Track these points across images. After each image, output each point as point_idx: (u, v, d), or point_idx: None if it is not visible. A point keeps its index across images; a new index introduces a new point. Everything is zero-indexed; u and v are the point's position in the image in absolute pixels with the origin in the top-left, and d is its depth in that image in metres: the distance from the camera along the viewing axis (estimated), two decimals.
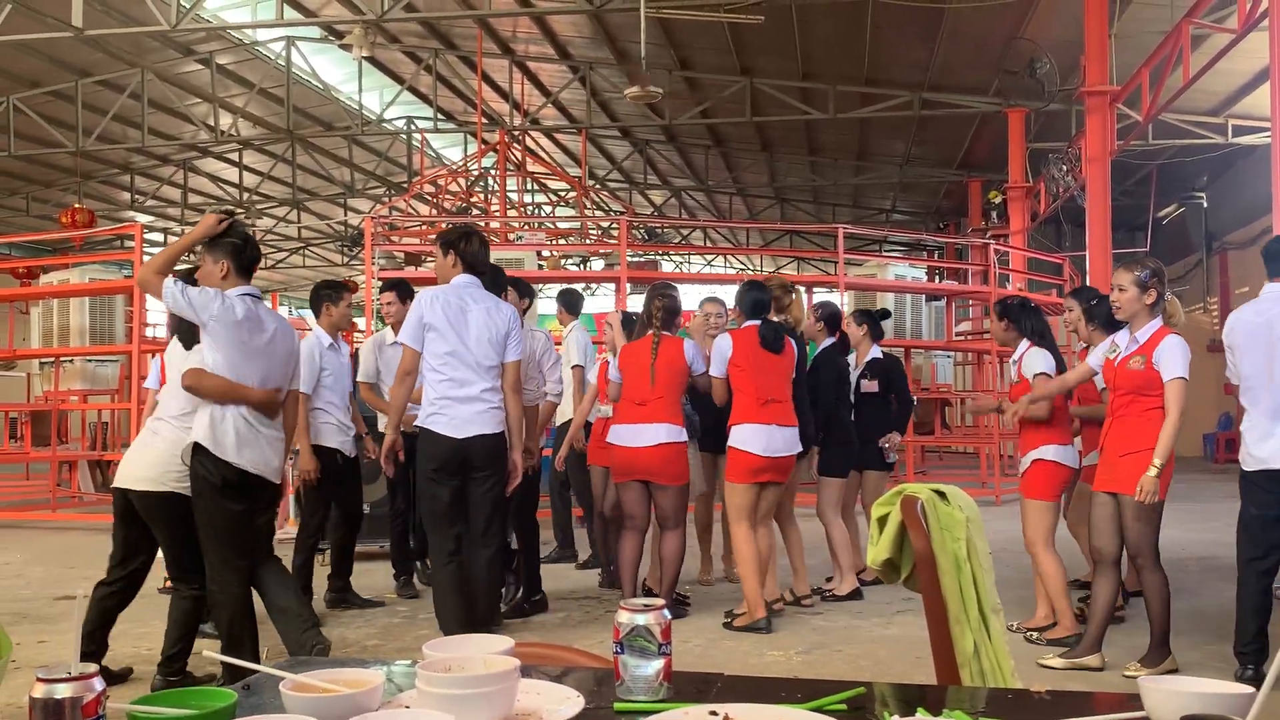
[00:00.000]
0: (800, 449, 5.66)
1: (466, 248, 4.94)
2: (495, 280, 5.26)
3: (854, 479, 6.57)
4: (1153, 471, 4.45)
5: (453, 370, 4.76)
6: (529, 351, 5.72)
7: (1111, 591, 4.80)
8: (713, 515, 6.74)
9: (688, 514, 5.90)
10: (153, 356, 7.40)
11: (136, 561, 4.58)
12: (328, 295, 6.15)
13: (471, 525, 4.89)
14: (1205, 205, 19.61)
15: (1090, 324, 5.46)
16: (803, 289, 8.90)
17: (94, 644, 4.45)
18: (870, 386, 6.56)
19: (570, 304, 7.70)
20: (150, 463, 4.22)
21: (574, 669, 1.65)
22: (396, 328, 6.00)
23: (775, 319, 6.01)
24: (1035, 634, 5.28)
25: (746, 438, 5.46)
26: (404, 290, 6.35)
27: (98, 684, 1.15)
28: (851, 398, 6.56)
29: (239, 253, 4.31)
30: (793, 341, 5.75)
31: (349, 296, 6.36)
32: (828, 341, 6.52)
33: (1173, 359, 4.49)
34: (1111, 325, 5.07)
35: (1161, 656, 4.65)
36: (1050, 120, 15.59)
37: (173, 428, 4.31)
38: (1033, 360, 5.28)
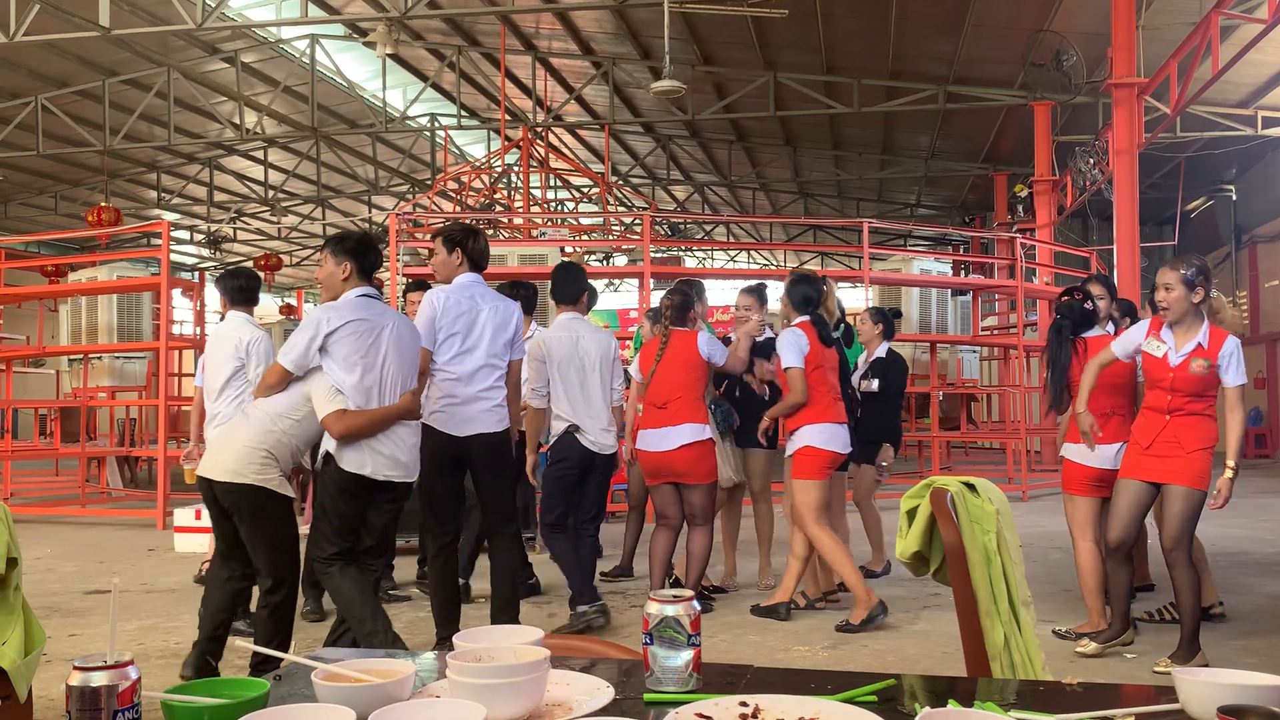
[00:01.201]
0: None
1: (474, 246, 4.91)
2: (528, 298, 5.37)
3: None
4: (1229, 474, 4.50)
5: (460, 368, 4.75)
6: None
7: (1130, 576, 4.85)
8: (741, 511, 6.71)
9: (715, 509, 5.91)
10: (179, 353, 7.46)
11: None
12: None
13: (486, 520, 4.95)
14: (1234, 198, 19.43)
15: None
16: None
17: (217, 644, 4.28)
18: (869, 386, 6.55)
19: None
20: (232, 454, 4.08)
21: (603, 660, 1.65)
22: None
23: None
24: (1066, 629, 5.25)
25: (828, 437, 5.40)
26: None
27: (133, 672, 1.16)
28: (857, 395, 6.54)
29: (362, 255, 4.30)
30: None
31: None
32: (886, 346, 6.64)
33: (1238, 366, 4.55)
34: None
35: (1192, 652, 4.61)
36: (1077, 113, 15.48)
37: (264, 419, 4.13)
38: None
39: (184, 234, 25.43)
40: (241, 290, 5.72)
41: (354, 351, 4.12)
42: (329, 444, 4.17)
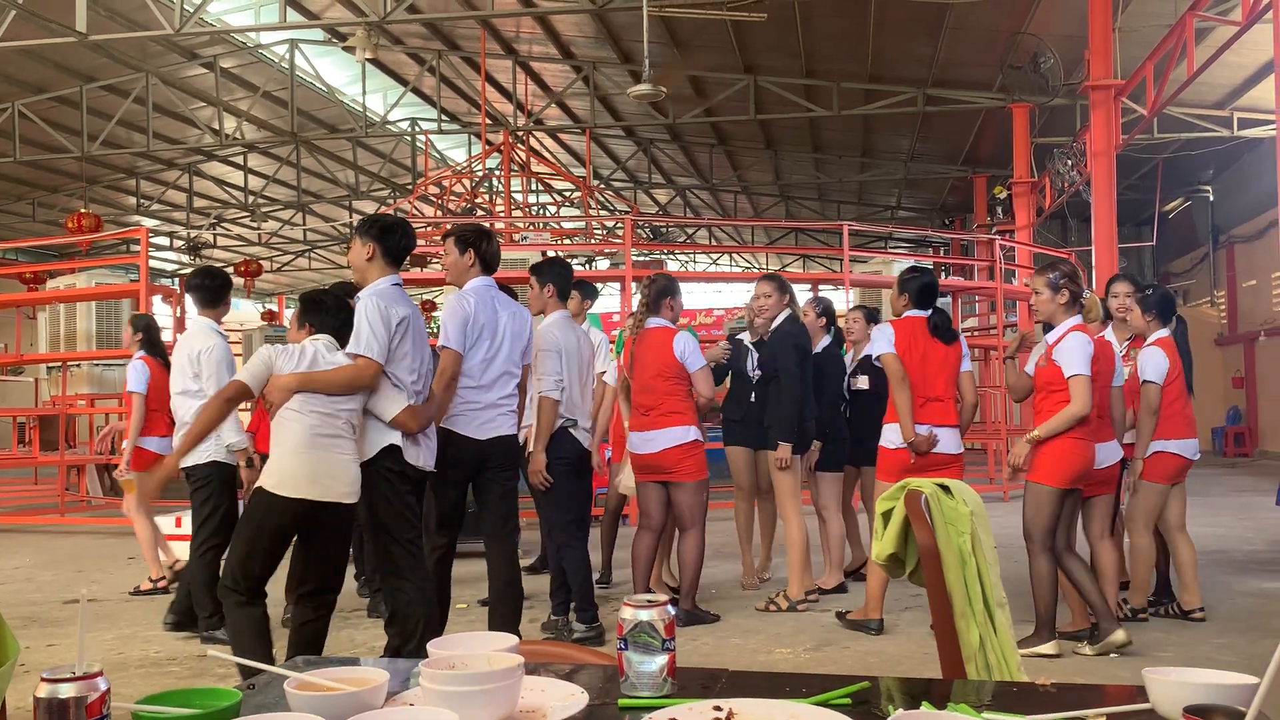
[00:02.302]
0: (960, 449, 5.34)
1: (488, 248, 4.82)
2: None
3: (851, 474, 6.58)
4: (1028, 440, 4.82)
5: (482, 373, 4.68)
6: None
7: (1083, 568, 4.96)
8: (753, 514, 6.70)
9: (707, 513, 5.83)
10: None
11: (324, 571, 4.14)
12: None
13: (489, 523, 4.86)
14: (1211, 199, 19.56)
15: (1147, 313, 5.58)
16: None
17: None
18: (861, 383, 6.58)
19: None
20: (350, 475, 3.92)
21: (578, 666, 1.65)
22: None
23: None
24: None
25: (900, 438, 5.20)
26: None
27: (102, 683, 1.16)
28: (845, 394, 6.59)
29: (387, 236, 4.18)
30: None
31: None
32: (827, 339, 6.54)
33: (1070, 357, 4.73)
34: (1165, 316, 5.50)
35: (1042, 639, 4.85)
36: (1055, 115, 15.56)
37: (365, 429, 4.07)
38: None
39: (163, 240, 25.27)
40: (200, 290, 5.52)
41: (411, 348, 4.11)
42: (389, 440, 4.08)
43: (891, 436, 5.24)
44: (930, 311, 5.30)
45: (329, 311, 4.19)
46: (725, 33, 13.92)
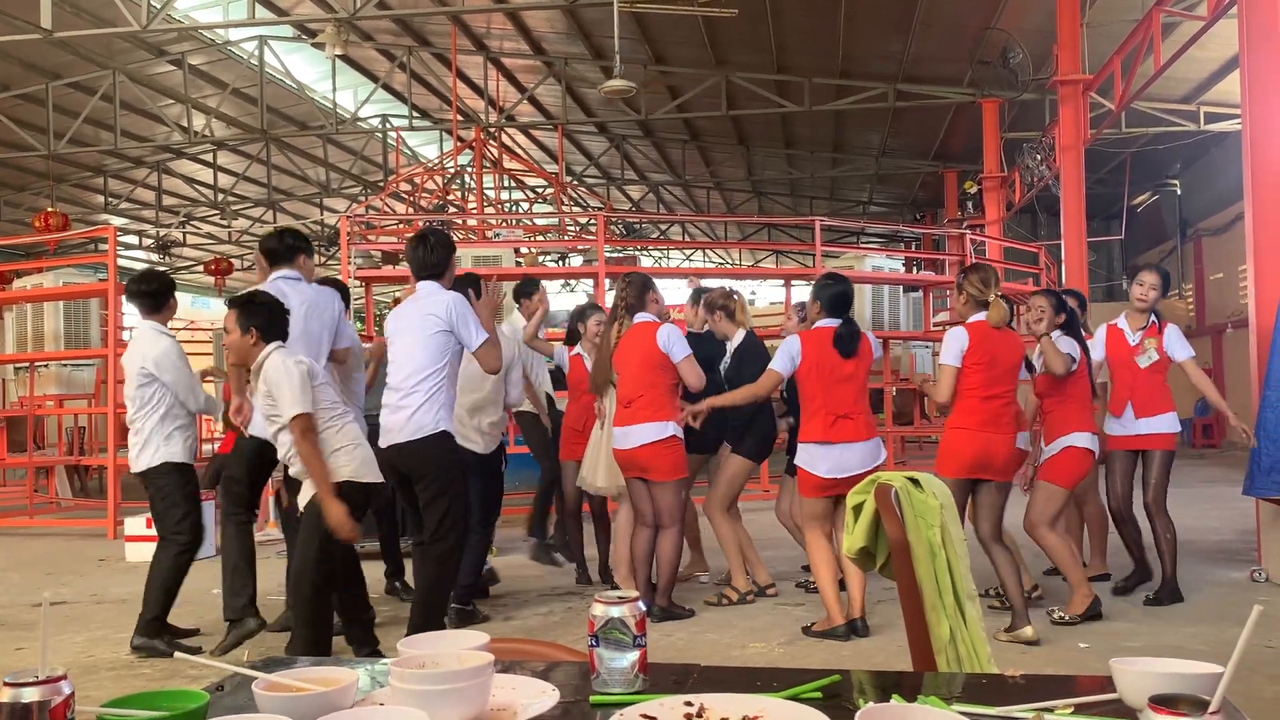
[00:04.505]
0: (882, 458, 5.18)
1: (411, 255, 4.94)
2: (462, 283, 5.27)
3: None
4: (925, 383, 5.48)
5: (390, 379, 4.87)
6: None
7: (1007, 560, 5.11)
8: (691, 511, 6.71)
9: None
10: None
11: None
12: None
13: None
14: (1179, 192, 19.74)
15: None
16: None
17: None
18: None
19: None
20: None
21: (550, 663, 1.65)
22: None
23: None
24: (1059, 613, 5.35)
25: (813, 460, 5.10)
26: None
27: (66, 687, 1.14)
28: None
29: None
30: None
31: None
32: (741, 333, 6.27)
33: (944, 349, 5.14)
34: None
35: (1019, 625, 4.97)
36: (1024, 110, 15.66)
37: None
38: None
39: (132, 239, 25.02)
40: (141, 297, 5.38)
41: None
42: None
43: (805, 457, 5.17)
44: (840, 322, 5.16)
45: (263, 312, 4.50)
46: (696, 28, 13.93)
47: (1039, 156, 13.97)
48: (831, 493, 5.15)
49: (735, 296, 6.37)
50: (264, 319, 4.38)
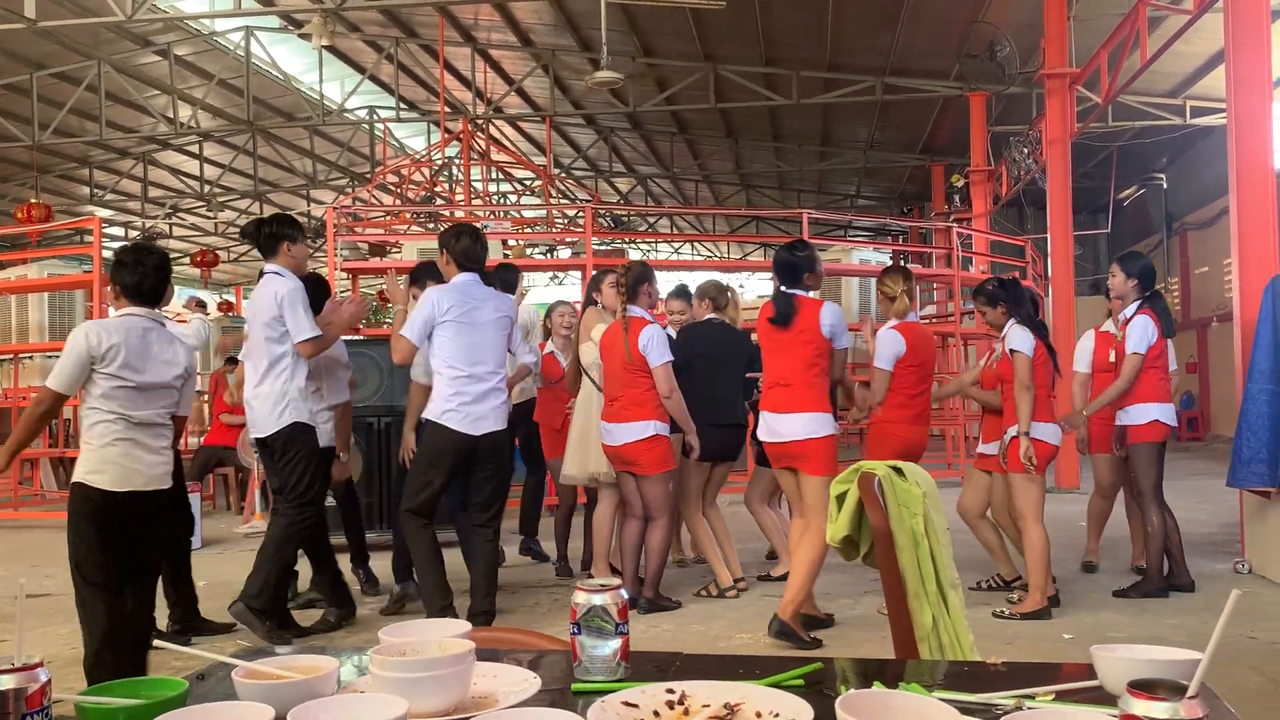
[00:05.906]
0: (821, 434, 4.85)
1: (456, 245, 5.06)
2: (505, 279, 5.65)
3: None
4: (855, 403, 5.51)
5: (469, 367, 4.96)
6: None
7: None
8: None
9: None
10: None
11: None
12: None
13: (473, 513, 5.23)
14: (1165, 186, 19.79)
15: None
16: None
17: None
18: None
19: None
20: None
21: (532, 652, 1.65)
22: None
23: (716, 319, 6.31)
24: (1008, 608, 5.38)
25: (759, 425, 5.13)
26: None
27: (42, 674, 1.14)
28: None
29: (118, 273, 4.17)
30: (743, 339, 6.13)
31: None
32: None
33: (879, 352, 5.36)
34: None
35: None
36: (1011, 104, 15.68)
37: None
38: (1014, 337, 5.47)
39: (118, 230, 24.88)
40: (264, 238, 5.19)
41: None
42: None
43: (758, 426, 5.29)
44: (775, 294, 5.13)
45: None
46: (685, 21, 13.90)
47: (1026, 150, 13.98)
48: (776, 464, 5.13)
49: (730, 293, 6.53)
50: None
